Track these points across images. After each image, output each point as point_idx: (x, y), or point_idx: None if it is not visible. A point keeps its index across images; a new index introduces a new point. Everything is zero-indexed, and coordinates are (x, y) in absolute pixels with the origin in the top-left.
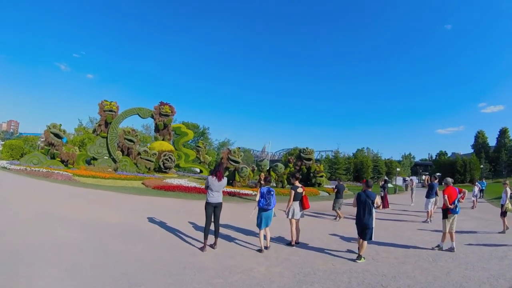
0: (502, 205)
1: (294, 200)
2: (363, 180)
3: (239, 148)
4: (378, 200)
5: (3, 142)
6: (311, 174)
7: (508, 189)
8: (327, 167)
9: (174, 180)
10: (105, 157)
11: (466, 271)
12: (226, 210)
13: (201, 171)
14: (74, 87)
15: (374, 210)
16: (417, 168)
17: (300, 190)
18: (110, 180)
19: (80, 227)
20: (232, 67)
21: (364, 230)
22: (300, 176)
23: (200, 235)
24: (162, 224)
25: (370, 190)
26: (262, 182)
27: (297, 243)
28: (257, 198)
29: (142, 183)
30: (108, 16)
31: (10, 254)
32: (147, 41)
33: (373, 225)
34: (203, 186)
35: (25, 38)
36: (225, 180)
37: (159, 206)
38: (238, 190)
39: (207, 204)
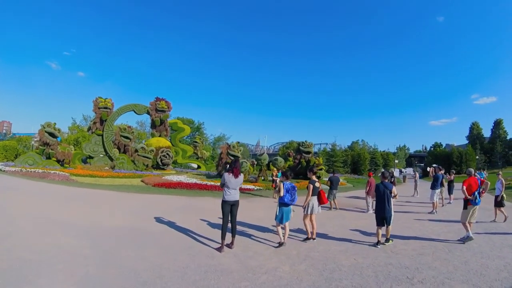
0: (497, 196)
1: (312, 195)
2: (369, 173)
3: (238, 142)
4: (394, 190)
5: None
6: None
7: (502, 180)
8: (324, 160)
9: (173, 176)
10: (101, 155)
11: (483, 259)
12: (207, 206)
13: (198, 167)
14: (66, 85)
15: (391, 199)
16: (411, 160)
17: (317, 184)
18: (109, 179)
19: (84, 232)
20: (223, 62)
21: (383, 219)
22: (316, 171)
23: (213, 234)
24: (171, 224)
25: (386, 181)
26: (277, 178)
27: (313, 238)
28: (282, 193)
29: (141, 181)
30: (98, 13)
31: (11, 266)
32: (138, 38)
33: (392, 213)
34: (204, 182)
35: (14, 37)
36: (241, 176)
37: (163, 205)
38: (242, 186)
39: (224, 203)
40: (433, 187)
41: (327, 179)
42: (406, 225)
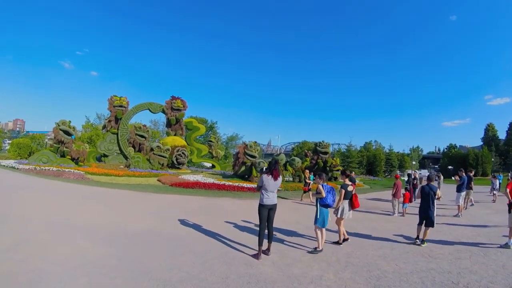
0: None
1: (344, 199)
2: (396, 175)
3: (256, 142)
4: (439, 192)
5: (10, 141)
6: (328, 168)
7: None
8: (339, 161)
9: (190, 176)
10: (116, 154)
11: None
12: (244, 207)
13: (213, 166)
14: (79, 84)
15: (435, 201)
16: (425, 161)
17: (350, 188)
18: (124, 178)
19: (107, 237)
20: (235, 62)
21: (427, 219)
22: (350, 173)
23: (243, 238)
24: (198, 228)
25: (432, 183)
26: (310, 180)
27: (344, 240)
28: (323, 194)
29: (158, 180)
30: (110, 13)
31: (28, 279)
32: (150, 38)
33: (434, 215)
34: (222, 182)
35: (29, 38)
36: (280, 178)
37: (184, 206)
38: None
39: (262, 207)
40: (459, 189)
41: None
42: (436, 229)
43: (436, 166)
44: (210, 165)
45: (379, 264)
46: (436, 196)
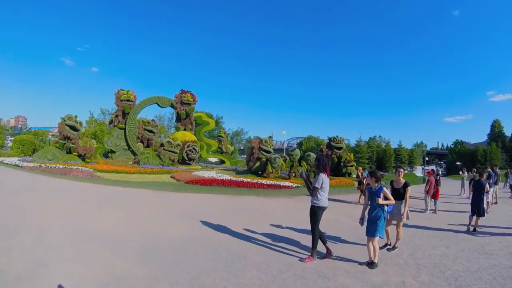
0: None
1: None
2: (429, 171)
3: (270, 137)
4: (487, 187)
5: (12, 138)
6: (341, 164)
7: None
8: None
9: (203, 172)
10: (123, 150)
11: None
12: (274, 206)
13: (222, 162)
14: (80, 80)
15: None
16: (429, 157)
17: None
18: (137, 175)
19: (142, 250)
20: (234, 56)
21: (478, 209)
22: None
23: (297, 244)
24: (240, 233)
25: (483, 178)
26: (367, 179)
27: (389, 244)
28: (393, 201)
29: (171, 177)
30: (109, 8)
31: None
32: (151, 33)
33: (484, 206)
34: (240, 179)
35: (29, 35)
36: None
37: (213, 206)
38: (278, 183)
39: (319, 209)
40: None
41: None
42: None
43: (441, 162)
44: (216, 160)
45: (446, 264)
46: (485, 190)
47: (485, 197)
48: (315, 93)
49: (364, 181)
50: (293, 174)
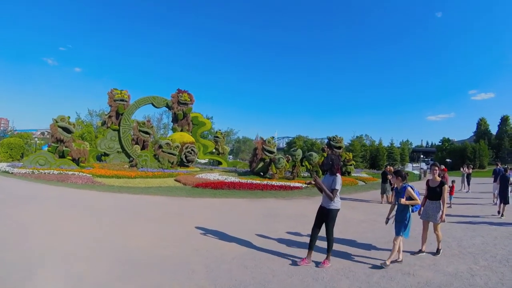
0: None
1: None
2: (444, 168)
3: (273, 137)
4: (511, 179)
5: None
6: (342, 163)
7: None
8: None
9: (206, 175)
10: (117, 152)
11: None
12: (303, 210)
13: (220, 163)
14: (63, 81)
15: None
16: (414, 155)
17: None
18: (139, 180)
19: (210, 275)
20: (220, 57)
21: (505, 198)
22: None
23: (361, 248)
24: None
25: (507, 173)
26: (395, 178)
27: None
28: (419, 201)
29: (176, 181)
30: (92, 7)
31: None
32: (135, 33)
33: (508, 196)
34: (249, 181)
35: (9, 33)
36: None
37: (245, 212)
38: (289, 184)
39: (337, 212)
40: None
41: (381, 173)
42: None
43: (427, 159)
44: (205, 161)
45: (491, 250)
46: (509, 182)
47: (509, 188)
48: (299, 94)
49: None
50: (296, 174)
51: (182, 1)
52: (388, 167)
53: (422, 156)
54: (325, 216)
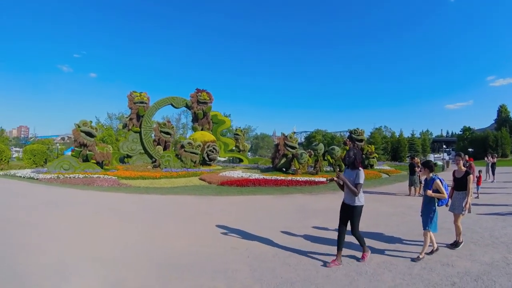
0: None
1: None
2: (470, 158)
3: (294, 132)
4: None
5: (16, 149)
6: (364, 156)
7: None
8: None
9: (229, 172)
10: (140, 154)
11: None
12: (315, 204)
13: (241, 160)
14: (79, 86)
15: None
16: (434, 145)
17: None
18: (165, 180)
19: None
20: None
21: None
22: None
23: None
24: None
25: None
26: (423, 169)
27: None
28: (445, 195)
29: (201, 179)
30: (104, 13)
31: None
32: (146, 36)
33: None
34: (273, 177)
35: (25, 44)
36: None
37: (279, 209)
38: (313, 179)
39: (362, 208)
40: None
41: (408, 165)
42: None
43: (448, 149)
44: (225, 159)
45: None
46: None
47: None
48: (316, 88)
49: (419, 172)
50: (319, 169)
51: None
52: (416, 158)
53: (444, 146)
54: (350, 214)
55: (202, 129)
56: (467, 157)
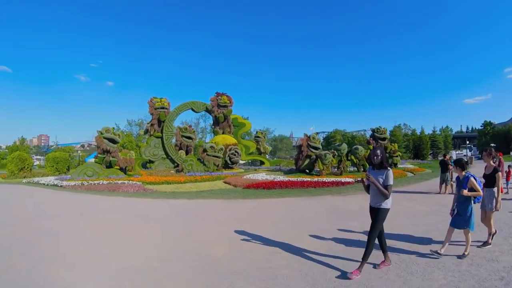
0: None
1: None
2: (499, 153)
3: (317, 133)
4: None
5: (38, 157)
6: (387, 154)
7: None
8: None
9: (252, 175)
10: (162, 159)
11: None
12: (347, 205)
13: (262, 163)
14: (97, 94)
15: None
16: (455, 141)
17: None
18: (190, 184)
19: None
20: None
21: None
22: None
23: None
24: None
25: None
26: (454, 167)
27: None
28: (481, 193)
29: (226, 183)
30: (118, 21)
31: None
32: (160, 42)
33: None
34: (300, 179)
35: (42, 54)
36: None
37: (313, 212)
38: (340, 179)
39: (388, 211)
40: None
41: (439, 162)
42: None
43: (470, 145)
44: (244, 162)
45: None
46: None
47: None
48: (334, 88)
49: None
50: (343, 169)
51: (211, 6)
52: (447, 155)
53: (467, 142)
54: (375, 215)
55: (223, 133)
56: (497, 152)
